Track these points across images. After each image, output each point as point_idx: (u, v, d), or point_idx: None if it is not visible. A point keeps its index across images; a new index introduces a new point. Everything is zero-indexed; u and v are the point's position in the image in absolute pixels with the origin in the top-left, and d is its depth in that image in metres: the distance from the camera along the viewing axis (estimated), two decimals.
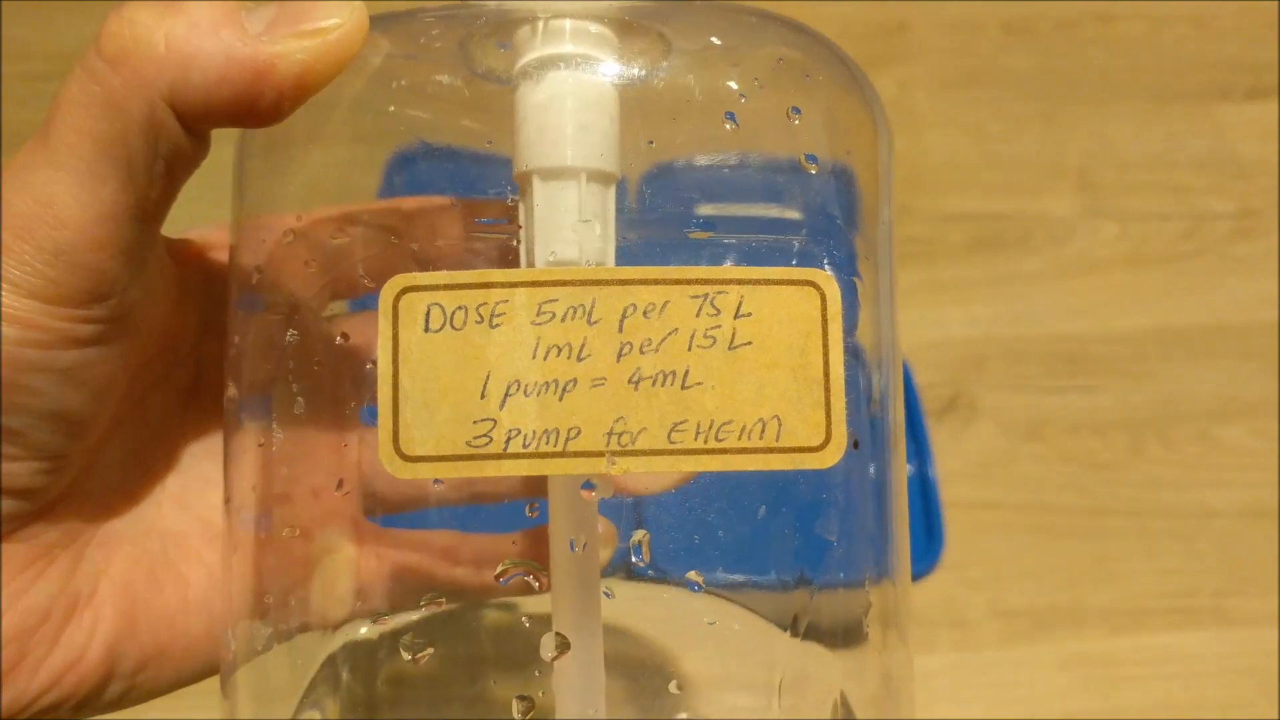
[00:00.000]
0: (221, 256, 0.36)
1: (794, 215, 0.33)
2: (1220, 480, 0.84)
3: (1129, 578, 0.81)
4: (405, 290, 0.29)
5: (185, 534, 0.36)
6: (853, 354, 0.32)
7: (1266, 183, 0.96)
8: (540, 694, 0.31)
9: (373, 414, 0.29)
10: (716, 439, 0.28)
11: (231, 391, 0.34)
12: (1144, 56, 1.02)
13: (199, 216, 0.37)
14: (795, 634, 0.33)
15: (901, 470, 0.35)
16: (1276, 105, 0.99)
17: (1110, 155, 0.97)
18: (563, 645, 0.31)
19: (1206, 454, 0.85)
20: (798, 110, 0.33)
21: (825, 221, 0.33)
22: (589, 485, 0.31)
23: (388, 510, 0.34)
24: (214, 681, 0.35)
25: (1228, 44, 1.03)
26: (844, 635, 0.34)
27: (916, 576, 0.80)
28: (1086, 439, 0.85)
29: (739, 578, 0.33)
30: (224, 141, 0.33)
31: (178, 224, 0.35)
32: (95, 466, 0.34)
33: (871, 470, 0.34)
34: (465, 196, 0.33)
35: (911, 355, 0.87)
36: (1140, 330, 0.89)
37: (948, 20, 1.03)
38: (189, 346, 0.36)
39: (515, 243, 0.31)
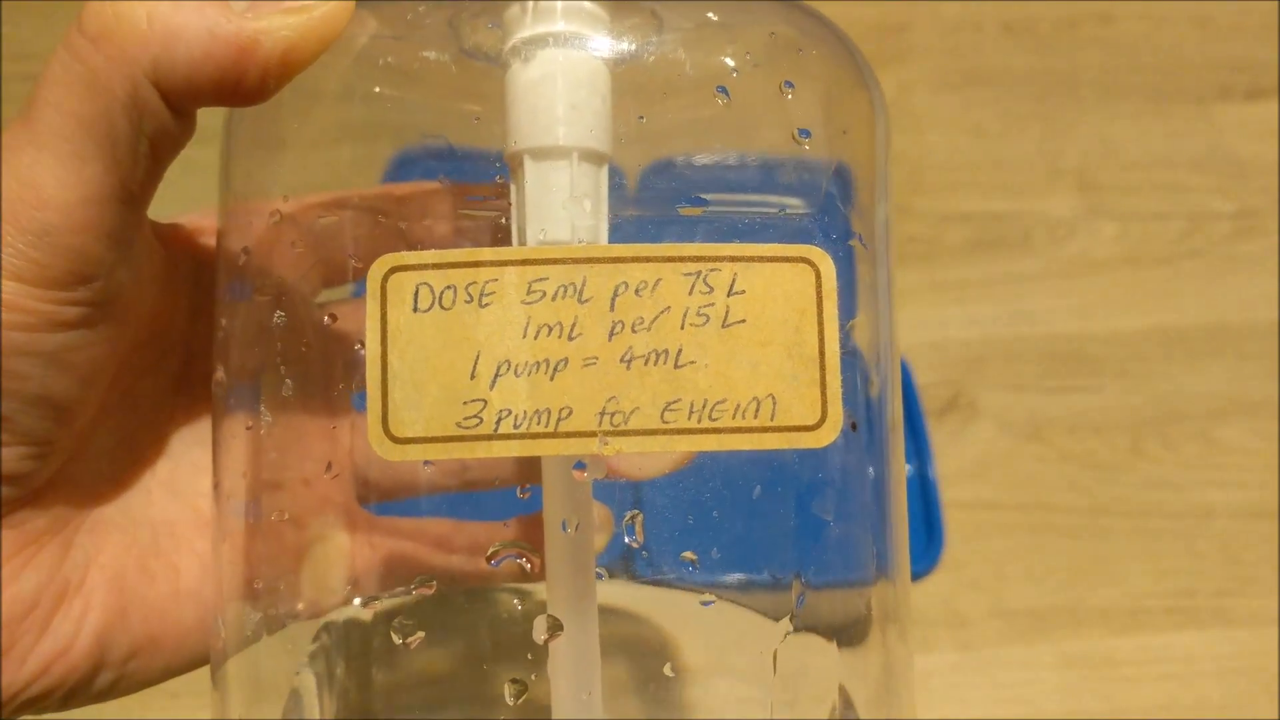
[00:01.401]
0: (212, 241, 0.35)
1: (787, 191, 0.33)
2: (1220, 480, 0.84)
3: (1129, 578, 0.81)
4: (393, 270, 0.28)
5: (176, 522, 0.36)
6: (849, 347, 0.32)
7: (1266, 183, 0.96)
8: (533, 677, 0.31)
9: (364, 400, 0.29)
10: (710, 418, 0.28)
11: (220, 375, 0.33)
12: (1144, 56, 1.02)
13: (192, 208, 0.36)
14: (793, 623, 0.33)
15: (900, 467, 0.34)
16: (1276, 105, 0.99)
17: (1110, 155, 0.97)
18: (555, 627, 0.30)
19: (1206, 454, 0.85)
20: (790, 84, 0.32)
21: (820, 198, 0.33)
22: (581, 465, 0.30)
23: (381, 497, 0.34)
24: (199, 679, 0.35)
25: (1228, 44, 1.03)
26: (844, 631, 0.34)
27: (916, 576, 0.80)
28: (1086, 439, 0.85)
29: (736, 572, 0.33)
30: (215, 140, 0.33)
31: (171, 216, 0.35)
32: (84, 453, 0.34)
33: (870, 464, 0.33)
34: (456, 179, 0.33)
35: (911, 355, 0.87)
36: (1140, 330, 0.89)
37: (948, 20, 1.03)
38: (179, 332, 0.36)
39: (504, 220, 0.31)
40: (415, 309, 0.28)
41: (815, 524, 0.33)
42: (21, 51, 0.95)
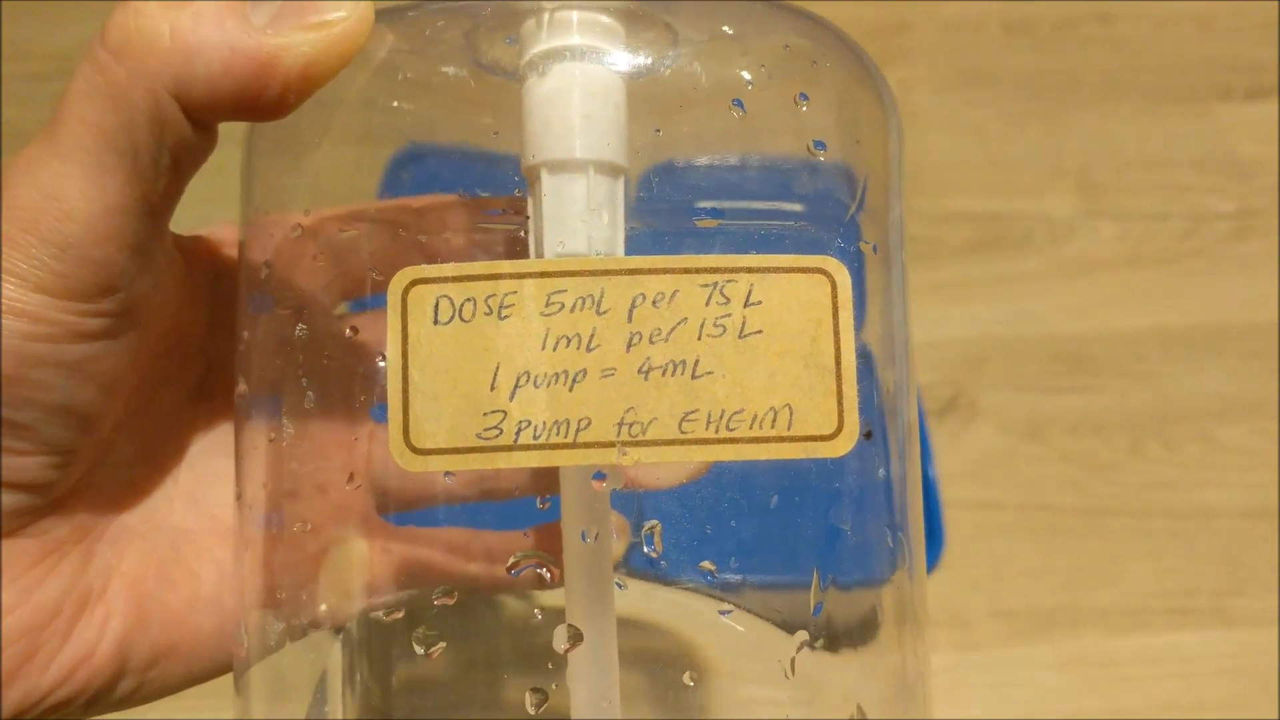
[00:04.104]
0: (232, 253, 0.35)
1: (802, 201, 0.33)
2: (1220, 480, 0.84)
3: (1129, 578, 0.81)
4: (414, 283, 0.29)
5: (196, 531, 0.36)
6: (862, 350, 0.32)
7: (1266, 183, 0.96)
8: (554, 686, 0.31)
9: (385, 411, 0.29)
10: (727, 428, 0.28)
11: (242, 388, 0.33)
12: (1144, 56, 1.02)
13: (212, 217, 0.37)
14: (811, 629, 0.33)
15: (916, 469, 0.34)
16: (1276, 105, 1.00)
17: (1110, 155, 0.97)
18: (575, 637, 0.31)
19: (1206, 454, 0.85)
20: (805, 96, 0.32)
21: (835, 208, 0.33)
22: (599, 475, 0.31)
23: (400, 508, 0.34)
24: (221, 682, 0.35)
25: (1228, 44, 1.03)
26: (862, 635, 0.34)
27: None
28: (1086, 439, 0.85)
29: (754, 580, 0.33)
30: (235, 142, 0.33)
31: (191, 224, 0.35)
32: (106, 462, 0.34)
33: (885, 464, 0.33)
34: (473, 193, 0.33)
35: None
36: (1140, 330, 0.89)
37: (948, 20, 1.03)
38: (199, 343, 0.36)
39: (523, 233, 0.31)
40: (435, 321, 0.28)
41: (832, 531, 0.33)
42: (21, 51, 0.95)
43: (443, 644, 0.32)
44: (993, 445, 0.85)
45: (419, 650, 0.32)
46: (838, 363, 0.29)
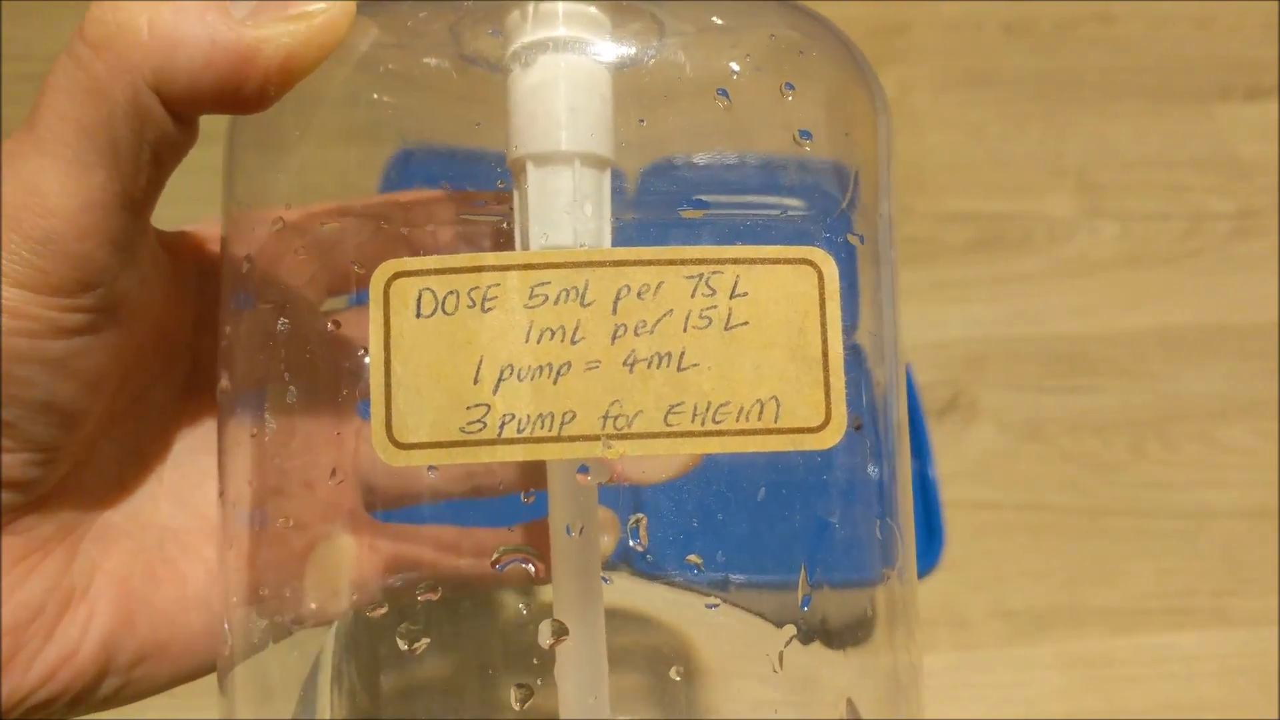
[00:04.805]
0: (217, 249, 0.35)
1: (789, 192, 0.33)
2: (1220, 480, 0.84)
3: (1129, 578, 0.81)
4: (396, 275, 0.28)
5: (183, 529, 0.36)
6: (853, 346, 0.31)
7: (1266, 183, 0.96)
8: (539, 682, 0.31)
9: (369, 406, 0.28)
10: (714, 421, 0.28)
11: (224, 383, 0.33)
12: (1144, 56, 1.02)
13: (197, 216, 0.36)
14: (799, 624, 0.33)
15: (906, 466, 0.34)
16: (1276, 105, 1.00)
17: (1110, 155, 0.97)
18: (560, 631, 0.30)
19: (1206, 454, 0.85)
20: (791, 86, 0.32)
21: (822, 199, 0.33)
22: (584, 469, 0.30)
23: (386, 504, 0.34)
24: (211, 681, 0.35)
25: (1228, 44, 1.03)
26: (851, 633, 0.33)
27: (917, 576, 0.79)
28: (1086, 439, 0.85)
29: (742, 574, 0.33)
30: (220, 140, 0.33)
31: (176, 223, 0.35)
32: (91, 460, 0.34)
33: (875, 464, 0.33)
34: (458, 186, 0.33)
35: (911, 355, 0.87)
36: (1140, 330, 0.89)
37: (948, 20, 1.03)
38: (185, 339, 0.36)
39: (507, 225, 0.31)
40: (418, 314, 0.28)
41: (820, 525, 0.32)
42: (22, 51, 0.95)
43: (426, 640, 0.32)
44: (993, 445, 0.85)
45: (403, 646, 0.32)
46: (825, 354, 0.29)
